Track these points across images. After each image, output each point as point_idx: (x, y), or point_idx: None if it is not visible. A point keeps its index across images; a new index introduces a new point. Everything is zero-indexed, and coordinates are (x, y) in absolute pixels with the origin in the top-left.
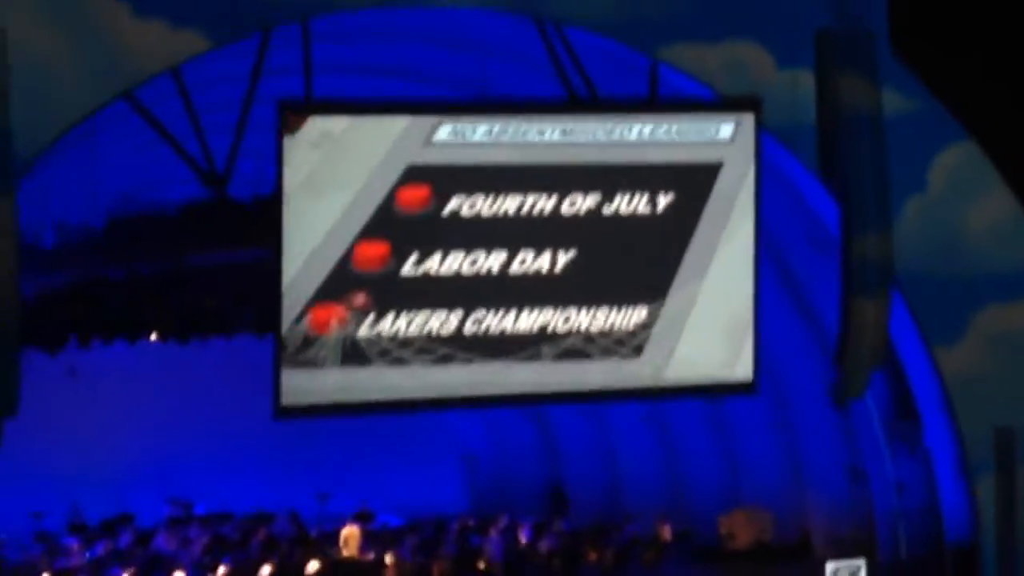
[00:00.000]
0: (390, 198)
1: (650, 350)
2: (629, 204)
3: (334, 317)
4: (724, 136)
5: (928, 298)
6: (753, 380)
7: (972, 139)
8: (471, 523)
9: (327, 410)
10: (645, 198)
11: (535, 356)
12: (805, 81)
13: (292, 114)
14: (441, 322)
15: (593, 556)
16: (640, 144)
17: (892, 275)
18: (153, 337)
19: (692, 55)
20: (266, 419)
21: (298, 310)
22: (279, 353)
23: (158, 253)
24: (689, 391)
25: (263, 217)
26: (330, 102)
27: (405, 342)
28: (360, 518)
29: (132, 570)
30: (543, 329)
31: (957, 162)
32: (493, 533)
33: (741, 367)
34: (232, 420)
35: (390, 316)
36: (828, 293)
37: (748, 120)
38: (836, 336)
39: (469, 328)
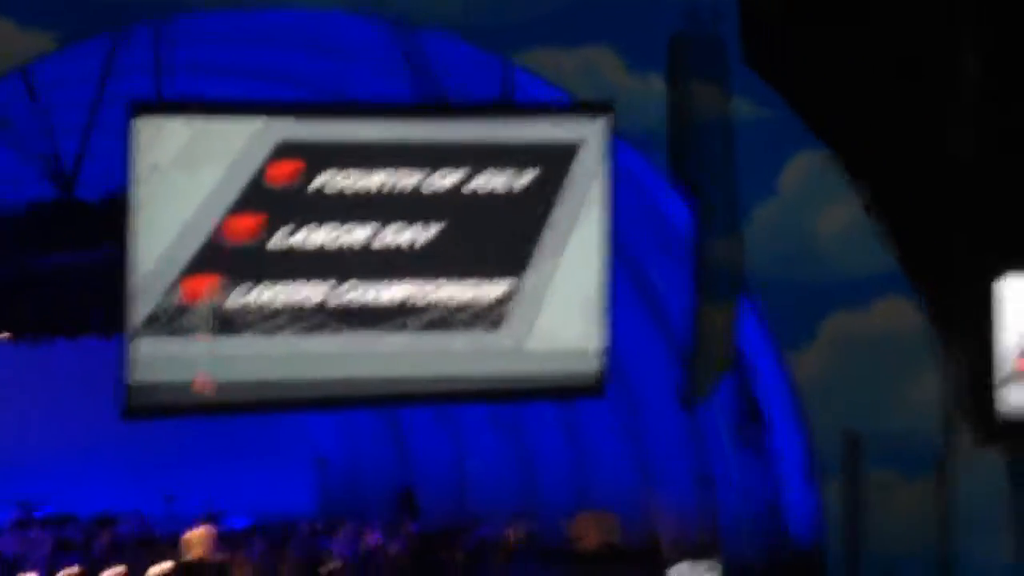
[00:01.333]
0: (260, 172)
1: (510, 322)
2: (489, 182)
3: (205, 287)
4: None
5: (778, 303)
6: (602, 378)
7: (822, 146)
8: (319, 525)
9: (175, 410)
10: (505, 177)
11: (402, 327)
12: (657, 86)
13: (143, 114)
14: (311, 293)
15: (443, 557)
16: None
17: (741, 280)
18: (2, 337)
19: (547, 60)
20: (114, 421)
21: (169, 282)
22: (133, 332)
23: (5, 254)
24: (543, 385)
25: (112, 215)
26: (182, 102)
27: (276, 312)
28: (208, 520)
29: None
30: (408, 301)
31: (807, 169)
32: (341, 535)
33: (595, 342)
34: (80, 422)
35: (261, 286)
36: (679, 298)
37: (600, 124)
38: (685, 341)
39: (337, 298)
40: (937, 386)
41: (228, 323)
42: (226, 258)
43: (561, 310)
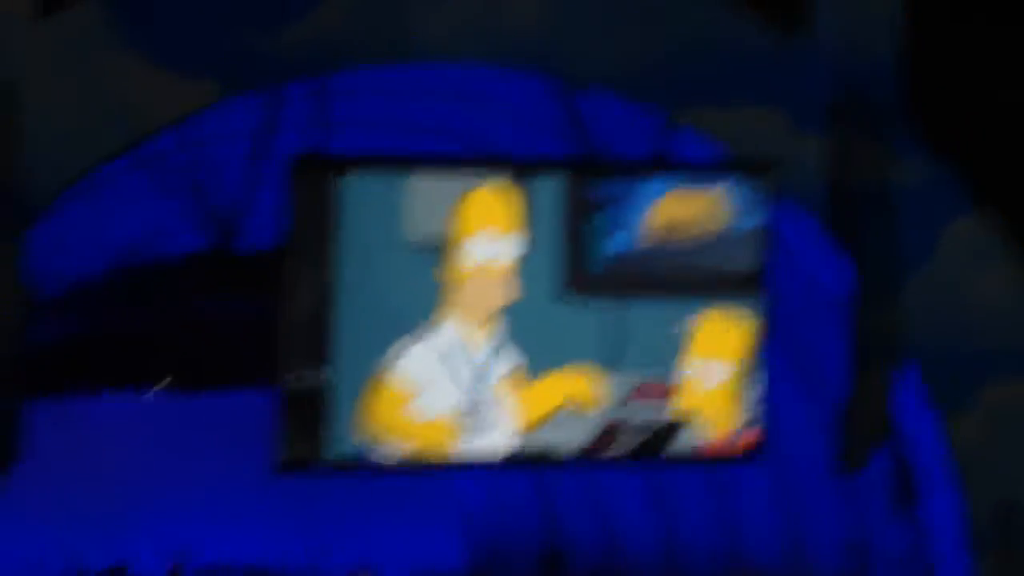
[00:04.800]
0: None
1: None
2: None
3: None
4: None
5: (937, 371)
6: (759, 447)
7: (981, 211)
8: None
9: (327, 467)
10: None
11: None
12: (818, 147)
13: (304, 170)
14: None
15: None
16: None
17: (901, 346)
18: (156, 388)
19: (707, 120)
20: (266, 474)
21: None
22: (283, 403)
23: (162, 304)
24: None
25: (271, 271)
26: (343, 158)
27: None
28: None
29: None
30: None
31: (966, 234)
32: None
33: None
34: (233, 476)
35: None
36: (835, 365)
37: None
38: (841, 408)
39: None
40: None
41: None
42: None
43: None
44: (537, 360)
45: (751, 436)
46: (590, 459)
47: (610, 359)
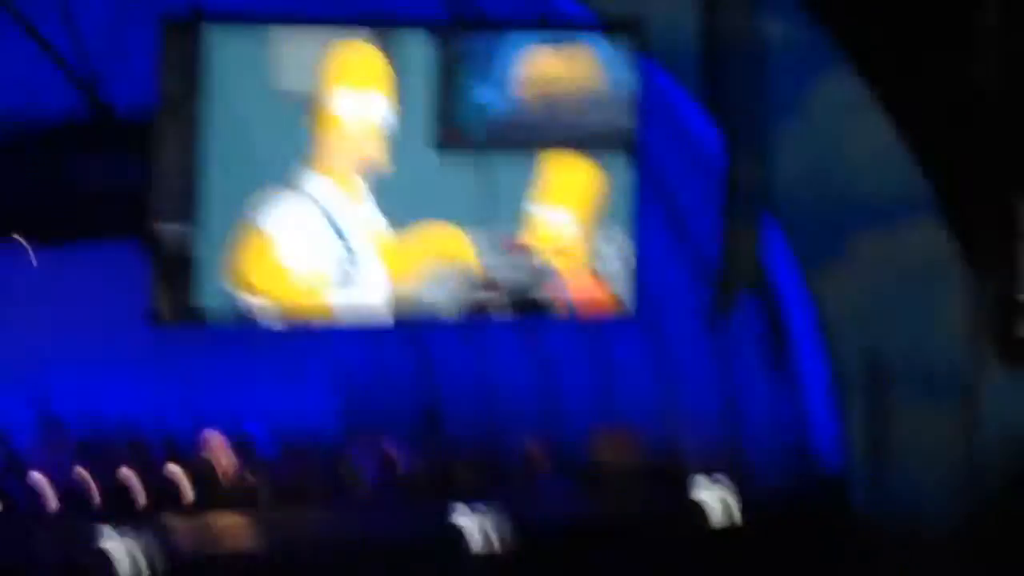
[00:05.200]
0: None
1: None
2: None
3: None
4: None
5: (803, 224)
6: (630, 302)
7: (851, 68)
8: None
9: (201, 317)
10: None
11: None
12: (688, 6)
13: (172, 27)
14: None
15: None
16: None
17: (767, 200)
18: (23, 241)
19: None
20: (140, 327)
21: None
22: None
23: (31, 163)
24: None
25: (140, 124)
26: (211, 14)
27: None
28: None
29: None
30: None
31: (834, 88)
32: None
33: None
34: (105, 328)
35: None
36: (708, 219)
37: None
38: (712, 260)
39: None
40: (963, 307)
41: None
42: None
43: None
44: (407, 215)
45: (618, 289)
46: (465, 315)
47: (480, 214)
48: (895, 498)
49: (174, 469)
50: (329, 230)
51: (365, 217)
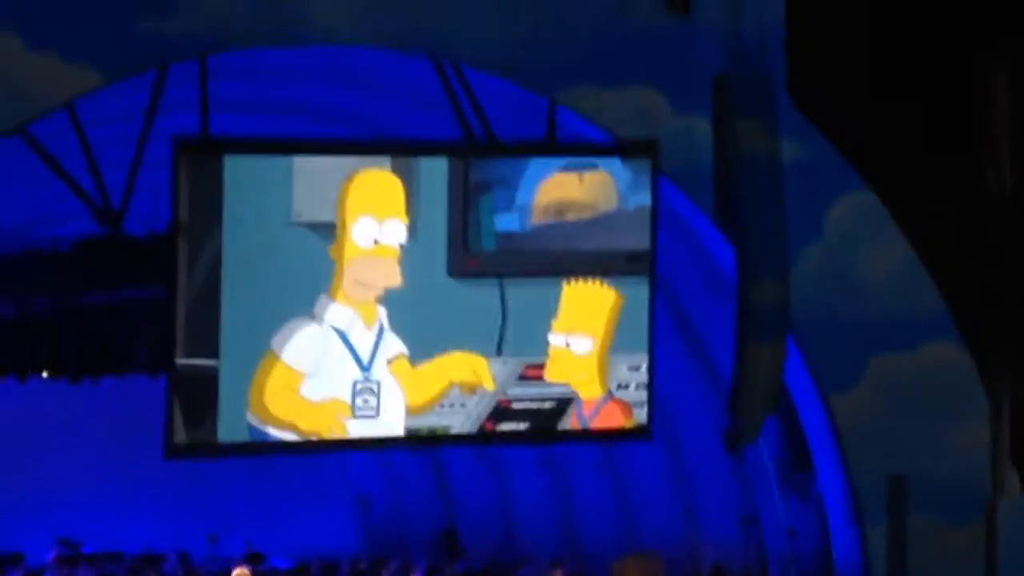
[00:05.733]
0: None
1: None
2: None
3: None
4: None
5: (823, 346)
6: (648, 424)
7: (868, 187)
8: (363, 566)
9: (219, 450)
10: None
11: None
12: (702, 126)
13: (187, 151)
14: None
15: None
16: None
17: (788, 321)
18: (44, 376)
19: (591, 99)
20: (157, 460)
21: None
22: (172, 389)
23: (51, 290)
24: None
25: (158, 254)
26: (225, 140)
27: None
28: (250, 560)
29: None
30: None
31: (853, 210)
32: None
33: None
34: (124, 460)
35: None
36: (724, 339)
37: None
38: (730, 383)
39: None
40: (983, 430)
41: None
42: None
43: None
44: (424, 342)
45: (636, 412)
46: (483, 438)
47: (498, 341)
48: None
49: None
50: (348, 358)
51: (384, 344)
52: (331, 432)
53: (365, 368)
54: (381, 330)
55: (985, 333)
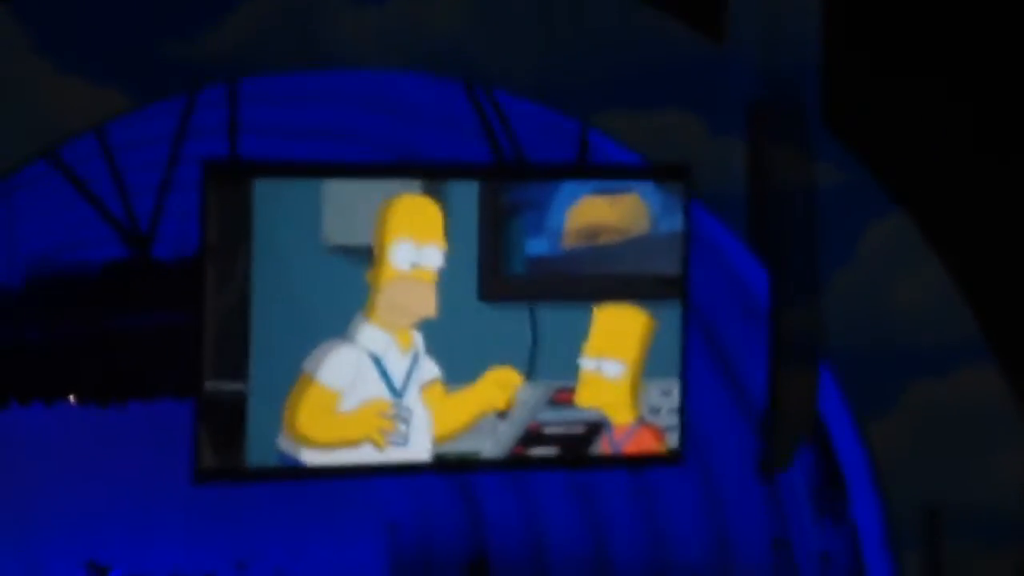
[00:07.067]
0: None
1: None
2: None
3: None
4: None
5: (857, 371)
6: (680, 449)
7: (903, 212)
8: None
9: (247, 475)
10: None
11: None
12: (736, 150)
13: (216, 174)
14: None
15: None
16: None
17: (821, 346)
18: (71, 400)
19: (624, 123)
20: (185, 484)
21: None
22: (199, 414)
23: (78, 315)
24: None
25: (187, 277)
26: (255, 163)
27: None
28: None
29: None
30: None
31: (886, 236)
32: None
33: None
34: (152, 485)
35: None
36: (757, 364)
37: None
38: (763, 410)
39: None
40: (1021, 456)
41: None
42: None
43: None
44: (457, 367)
45: (668, 437)
46: (513, 464)
47: (529, 365)
48: None
49: None
50: (382, 383)
51: (419, 370)
52: (379, 433)
53: (398, 395)
54: (416, 356)
55: (1020, 357)
